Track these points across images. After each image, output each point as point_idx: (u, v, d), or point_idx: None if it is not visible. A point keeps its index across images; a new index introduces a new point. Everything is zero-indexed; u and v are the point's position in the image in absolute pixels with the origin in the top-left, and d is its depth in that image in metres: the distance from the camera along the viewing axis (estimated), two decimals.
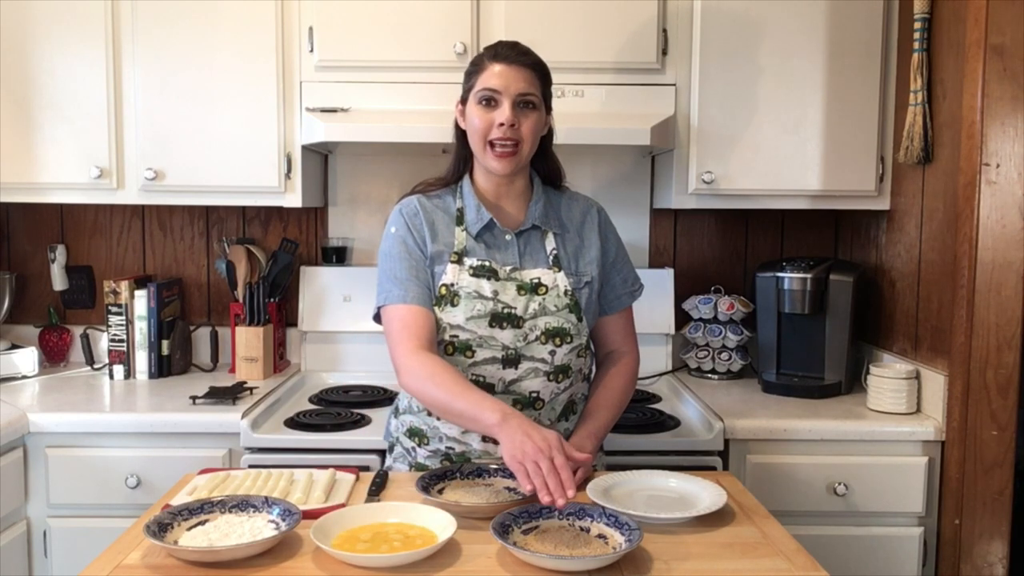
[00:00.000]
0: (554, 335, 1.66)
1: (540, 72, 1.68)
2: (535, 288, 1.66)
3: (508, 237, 1.70)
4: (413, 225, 1.69)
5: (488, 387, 1.64)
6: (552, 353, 1.66)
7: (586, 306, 1.70)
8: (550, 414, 1.69)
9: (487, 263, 1.67)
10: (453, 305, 1.65)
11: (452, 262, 1.67)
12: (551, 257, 1.70)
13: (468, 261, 1.67)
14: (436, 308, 1.66)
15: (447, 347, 1.66)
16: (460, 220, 1.71)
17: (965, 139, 1.98)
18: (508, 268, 1.67)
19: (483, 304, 1.64)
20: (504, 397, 1.64)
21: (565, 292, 1.68)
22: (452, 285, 1.65)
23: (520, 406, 1.65)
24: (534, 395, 1.66)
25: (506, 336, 1.64)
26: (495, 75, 1.63)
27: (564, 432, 1.71)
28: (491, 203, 1.72)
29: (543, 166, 1.77)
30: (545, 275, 1.68)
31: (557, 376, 1.67)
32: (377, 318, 1.70)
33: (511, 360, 1.64)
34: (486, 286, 1.65)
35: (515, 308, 1.65)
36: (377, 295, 1.68)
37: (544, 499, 1.35)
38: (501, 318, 1.64)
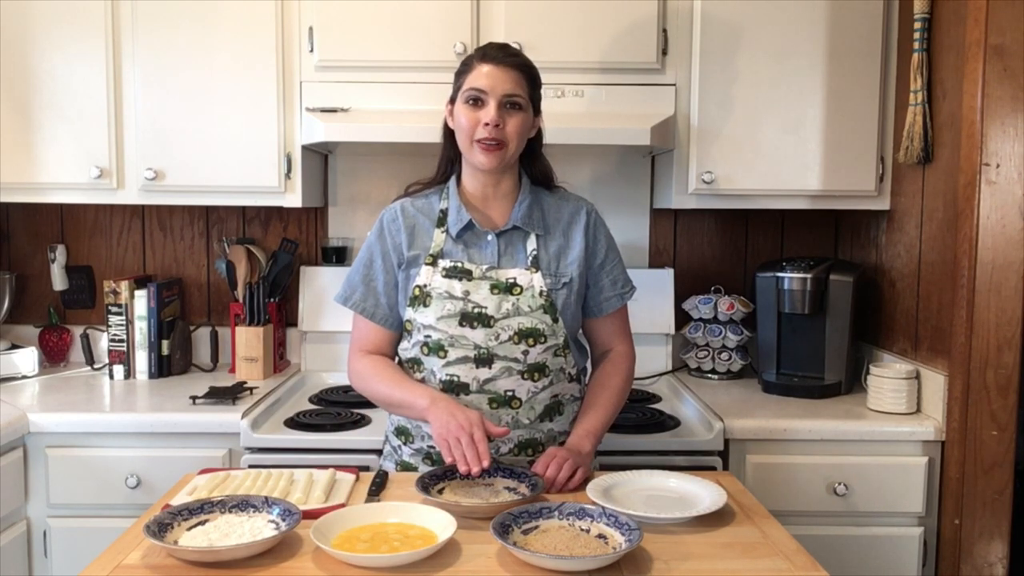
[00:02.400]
0: (527, 335, 1.66)
1: (528, 74, 1.68)
2: (509, 288, 1.67)
3: (489, 237, 1.71)
4: (389, 231, 1.74)
5: (463, 386, 1.66)
6: (525, 353, 1.67)
7: (563, 307, 1.70)
8: (529, 413, 1.69)
9: (460, 264, 1.69)
10: (425, 306, 1.67)
11: (427, 264, 1.69)
12: (530, 258, 1.70)
13: (442, 263, 1.69)
14: (410, 309, 1.69)
15: (422, 347, 1.69)
16: (442, 222, 1.72)
17: (965, 139, 1.98)
18: (484, 267, 1.69)
19: (453, 304, 1.66)
20: (479, 396, 1.66)
21: (540, 293, 1.68)
22: (425, 286, 1.68)
23: (496, 405, 1.67)
24: (509, 394, 1.67)
25: (477, 335, 1.65)
26: (483, 75, 1.64)
27: (550, 432, 1.72)
28: (477, 204, 1.73)
29: (532, 168, 1.78)
30: (521, 276, 1.68)
31: (533, 375, 1.68)
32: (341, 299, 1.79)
33: (484, 359, 1.66)
34: (457, 286, 1.67)
35: (486, 308, 1.66)
36: (343, 284, 1.77)
37: (462, 468, 1.49)
38: (471, 317, 1.65)
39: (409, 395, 1.63)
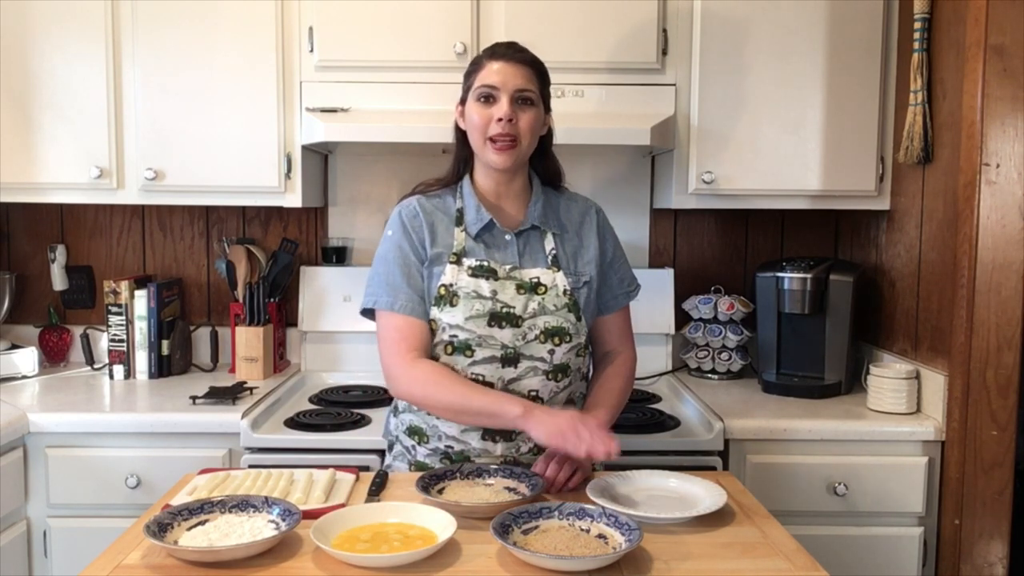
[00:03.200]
0: (553, 334, 1.66)
1: (537, 70, 1.69)
2: (534, 287, 1.67)
3: (508, 237, 1.71)
4: (412, 227, 1.70)
5: (487, 386, 1.65)
6: (551, 352, 1.66)
7: (584, 306, 1.71)
8: None
9: (486, 263, 1.68)
10: (452, 305, 1.65)
11: (451, 263, 1.67)
12: (550, 257, 1.70)
13: (467, 261, 1.68)
14: (435, 308, 1.67)
15: (446, 347, 1.67)
16: (459, 220, 1.71)
17: (965, 139, 1.98)
18: (507, 267, 1.68)
19: (482, 304, 1.65)
20: None
21: (564, 292, 1.68)
22: (451, 285, 1.66)
23: None
24: (533, 393, 1.66)
25: (505, 335, 1.65)
26: (493, 72, 1.64)
27: None
28: (491, 203, 1.73)
29: (542, 166, 1.78)
30: (544, 275, 1.69)
31: (556, 375, 1.68)
32: (365, 313, 1.73)
33: (510, 359, 1.65)
34: (485, 286, 1.66)
35: (514, 307, 1.65)
36: (366, 293, 1.70)
37: (598, 455, 1.47)
38: (500, 317, 1.65)
39: (495, 404, 1.58)
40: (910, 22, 2.19)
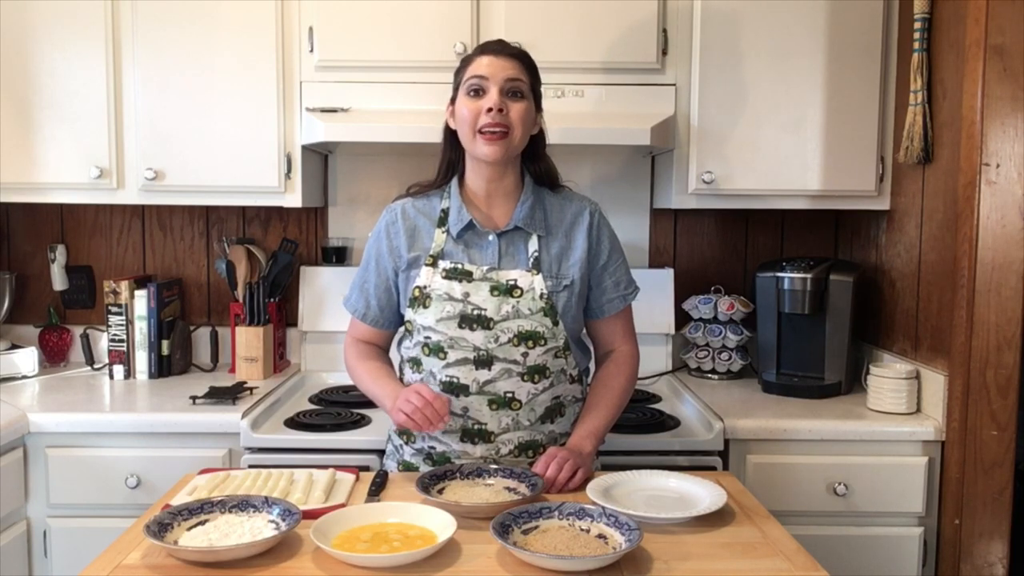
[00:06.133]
0: (527, 338, 1.66)
1: (527, 63, 1.69)
2: (510, 290, 1.67)
3: (491, 237, 1.70)
4: (388, 234, 1.75)
5: (463, 388, 1.66)
6: (525, 355, 1.66)
7: (563, 309, 1.69)
8: (530, 415, 1.69)
9: (460, 265, 1.68)
10: (425, 307, 1.67)
11: (427, 265, 1.69)
12: (531, 259, 1.69)
13: (442, 264, 1.69)
14: (410, 309, 1.70)
15: (422, 348, 1.69)
16: (443, 222, 1.72)
17: (965, 139, 1.98)
18: (485, 268, 1.68)
19: (452, 306, 1.65)
20: (479, 398, 1.66)
21: (541, 296, 1.67)
22: (425, 287, 1.68)
23: (496, 407, 1.66)
24: (509, 395, 1.66)
25: (476, 338, 1.65)
26: (483, 65, 1.64)
27: (551, 434, 1.72)
28: (479, 203, 1.73)
29: (535, 168, 1.76)
30: (522, 277, 1.68)
31: (533, 376, 1.67)
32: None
33: (483, 361, 1.65)
34: (457, 288, 1.66)
35: (485, 310, 1.65)
36: (349, 289, 1.83)
37: (427, 429, 1.57)
38: (471, 319, 1.65)
39: (381, 393, 1.70)
40: (910, 22, 2.19)
